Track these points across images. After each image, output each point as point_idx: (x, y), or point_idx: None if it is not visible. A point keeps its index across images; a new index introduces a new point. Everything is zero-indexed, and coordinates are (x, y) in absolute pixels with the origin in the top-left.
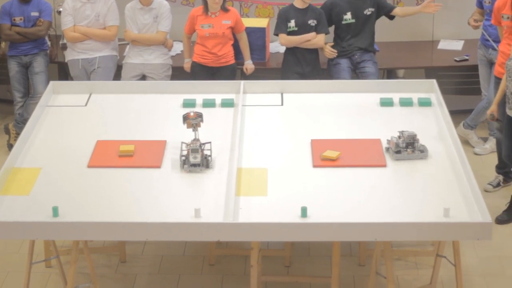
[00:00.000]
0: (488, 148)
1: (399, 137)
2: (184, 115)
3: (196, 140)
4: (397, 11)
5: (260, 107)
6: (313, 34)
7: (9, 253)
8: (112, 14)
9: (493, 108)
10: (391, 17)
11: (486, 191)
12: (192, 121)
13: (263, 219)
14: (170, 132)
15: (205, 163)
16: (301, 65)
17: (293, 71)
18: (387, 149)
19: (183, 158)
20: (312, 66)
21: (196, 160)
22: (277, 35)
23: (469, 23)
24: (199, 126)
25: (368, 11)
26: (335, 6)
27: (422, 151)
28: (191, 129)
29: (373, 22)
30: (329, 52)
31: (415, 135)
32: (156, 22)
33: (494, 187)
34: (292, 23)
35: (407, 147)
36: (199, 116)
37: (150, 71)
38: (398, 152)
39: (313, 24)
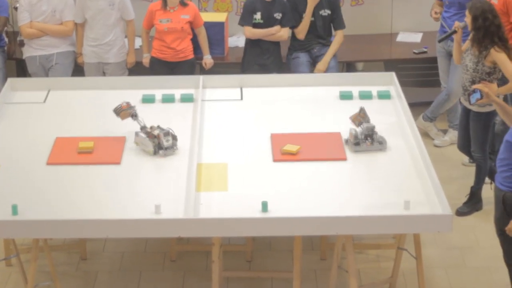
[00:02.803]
0: (448, 140)
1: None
2: (116, 108)
3: (150, 126)
4: (339, 33)
5: (220, 101)
6: (277, 27)
7: None
8: (69, 9)
9: None
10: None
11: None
12: (129, 110)
13: (224, 214)
14: (129, 128)
15: (175, 144)
16: (263, 57)
17: (255, 62)
18: (346, 141)
19: (154, 144)
20: (273, 58)
21: (169, 142)
22: (242, 26)
23: (431, 15)
24: (136, 115)
25: (324, 12)
26: (300, 4)
27: (381, 143)
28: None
29: (330, 21)
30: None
31: (374, 127)
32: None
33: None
34: (258, 15)
35: (366, 138)
36: (130, 105)
37: (108, 70)
38: (357, 144)
39: (279, 17)
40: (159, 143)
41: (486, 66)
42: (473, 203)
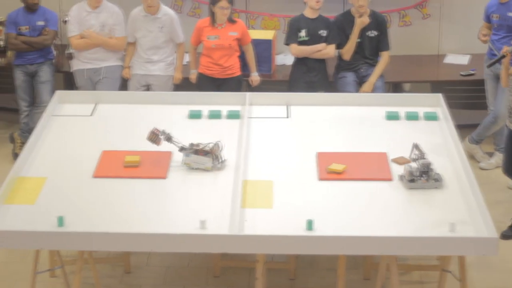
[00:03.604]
0: (494, 163)
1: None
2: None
3: (190, 144)
4: (384, 55)
5: (266, 119)
6: (323, 44)
7: (13, 263)
8: (120, 26)
9: None
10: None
11: None
12: (160, 136)
13: (268, 231)
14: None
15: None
16: (310, 75)
17: (302, 80)
18: (401, 177)
19: (212, 159)
20: (320, 76)
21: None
22: (288, 44)
23: (479, 38)
24: (171, 138)
25: (371, 34)
26: (347, 25)
27: (436, 180)
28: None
29: (377, 42)
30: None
31: (430, 164)
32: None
33: None
34: (303, 33)
35: (421, 175)
36: (158, 132)
37: (154, 82)
38: (411, 181)
39: (324, 35)
40: (215, 156)
41: None
42: None
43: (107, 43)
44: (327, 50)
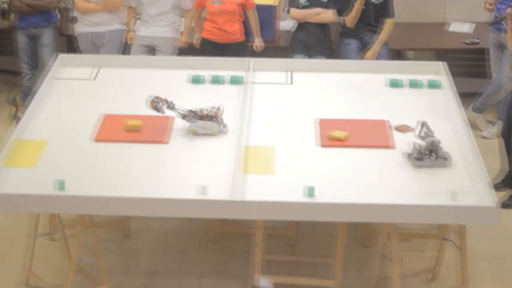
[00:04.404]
0: (496, 132)
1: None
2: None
3: (190, 110)
4: (388, 22)
5: (269, 85)
6: (323, 9)
7: (13, 226)
8: None
9: None
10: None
11: None
12: (159, 104)
13: (269, 197)
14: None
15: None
16: (309, 38)
17: (300, 43)
18: (409, 155)
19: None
20: (320, 41)
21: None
22: (288, 11)
23: (484, 7)
24: (173, 105)
25: (376, 1)
26: None
27: (446, 159)
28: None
29: (382, 9)
30: None
31: (439, 142)
32: None
33: None
34: None
35: (431, 154)
36: (158, 100)
37: (158, 44)
38: (420, 159)
39: (325, 0)
40: (220, 120)
41: None
42: None
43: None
44: (326, 15)
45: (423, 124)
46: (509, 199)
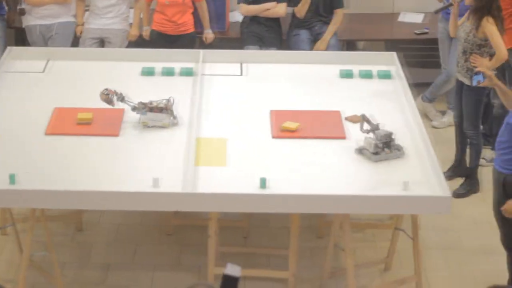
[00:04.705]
0: (446, 122)
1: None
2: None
3: (139, 103)
4: (338, 13)
5: (220, 76)
6: (273, 3)
7: None
8: None
9: None
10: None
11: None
12: (109, 96)
13: (222, 189)
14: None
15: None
16: (261, 29)
17: (253, 34)
18: (360, 150)
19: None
20: (273, 32)
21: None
22: (238, 3)
23: None
24: (123, 97)
25: None
26: None
27: (399, 150)
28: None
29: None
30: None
31: (391, 134)
32: None
33: (488, 161)
34: None
35: (384, 147)
36: (109, 92)
37: (108, 36)
38: (376, 153)
39: None
40: (170, 112)
41: (477, 38)
42: (470, 184)
43: None
44: (277, 9)
45: (363, 117)
46: (460, 188)
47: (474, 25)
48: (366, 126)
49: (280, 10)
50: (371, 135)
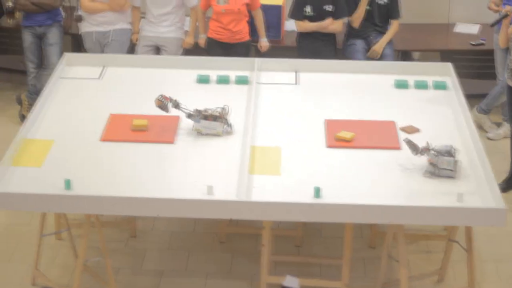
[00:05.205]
0: (502, 133)
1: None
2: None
3: (195, 110)
4: (394, 23)
5: (275, 85)
6: (330, 20)
7: (20, 225)
8: None
9: None
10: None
11: None
12: (165, 102)
13: (276, 198)
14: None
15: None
16: (317, 44)
17: (308, 49)
18: (432, 173)
19: (222, 124)
20: (328, 45)
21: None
22: (292, 19)
23: (489, 8)
24: (178, 104)
25: (381, 1)
26: None
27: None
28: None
29: (387, 9)
30: None
31: (456, 161)
32: None
33: None
34: (308, 9)
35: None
36: (164, 99)
37: (164, 44)
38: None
39: (330, 9)
40: (224, 120)
41: None
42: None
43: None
44: (334, 26)
45: (408, 142)
46: (502, 183)
47: None
48: (419, 151)
49: (338, 27)
50: (442, 157)
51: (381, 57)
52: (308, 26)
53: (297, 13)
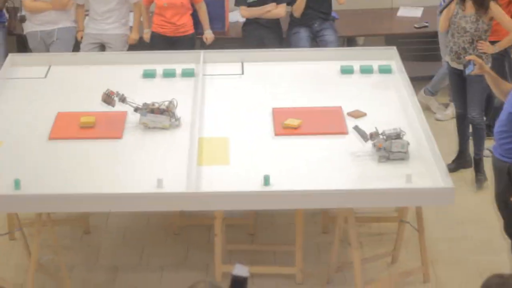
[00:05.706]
0: (449, 114)
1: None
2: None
3: (143, 104)
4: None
5: (221, 76)
6: (273, 4)
7: None
8: None
9: None
10: None
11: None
12: (112, 97)
13: (226, 188)
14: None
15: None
16: (262, 31)
17: (254, 36)
18: (380, 158)
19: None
20: (273, 33)
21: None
22: (237, 6)
23: None
24: (125, 99)
25: None
26: None
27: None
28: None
29: None
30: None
31: (408, 144)
32: None
33: None
34: None
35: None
36: (110, 93)
37: (108, 41)
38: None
39: None
40: (171, 114)
41: (484, 23)
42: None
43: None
44: (277, 11)
45: (356, 129)
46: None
47: (480, 12)
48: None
49: (281, 11)
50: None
51: (326, 44)
52: (252, 10)
53: (241, 0)
